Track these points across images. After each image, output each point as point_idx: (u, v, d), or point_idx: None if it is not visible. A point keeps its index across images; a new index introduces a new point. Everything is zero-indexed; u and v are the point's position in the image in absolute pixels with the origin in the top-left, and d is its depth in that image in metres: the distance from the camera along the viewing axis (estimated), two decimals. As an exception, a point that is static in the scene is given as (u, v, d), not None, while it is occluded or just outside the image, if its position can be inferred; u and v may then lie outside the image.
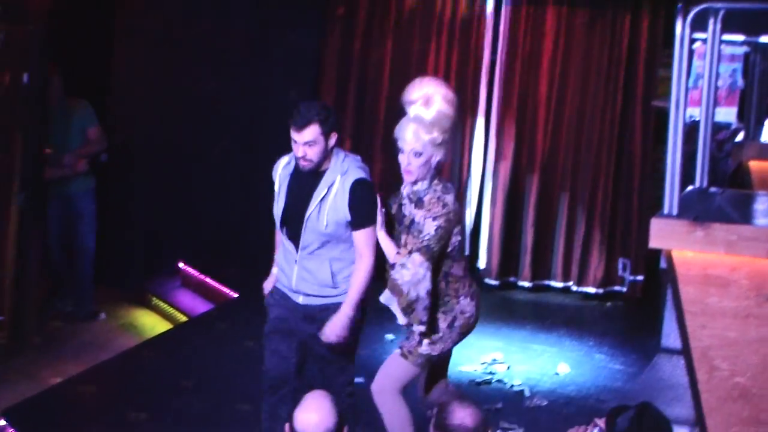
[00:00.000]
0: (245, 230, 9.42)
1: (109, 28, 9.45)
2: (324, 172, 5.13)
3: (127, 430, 6.04)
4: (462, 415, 3.86)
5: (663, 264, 5.78)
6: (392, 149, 5.25)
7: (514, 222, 9.16)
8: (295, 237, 5.20)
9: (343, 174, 5.10)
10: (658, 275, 7.55)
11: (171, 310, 8.77)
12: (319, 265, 5.19)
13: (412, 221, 5.11)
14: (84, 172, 8.35)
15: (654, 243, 5.30)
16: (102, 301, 8.62)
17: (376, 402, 5.29)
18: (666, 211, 5.31)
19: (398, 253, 5.09)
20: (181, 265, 9.23)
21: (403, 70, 9.00)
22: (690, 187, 5.98)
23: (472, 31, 9.12)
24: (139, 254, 9.44)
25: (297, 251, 5.21)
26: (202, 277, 8.99)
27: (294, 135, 5.09)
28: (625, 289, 8.97)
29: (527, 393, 6.80)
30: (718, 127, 7.40)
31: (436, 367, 5.39)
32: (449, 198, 5.17)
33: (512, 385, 6.93)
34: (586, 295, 9.00)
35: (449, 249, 5.20)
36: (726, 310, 5.18)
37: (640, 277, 8.90)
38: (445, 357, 5.39)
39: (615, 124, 8.94)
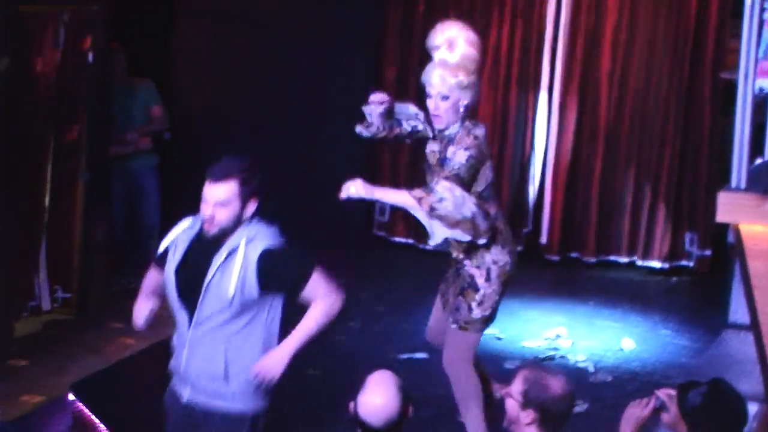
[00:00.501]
0: (305, 205, 9.45)
1: (170, 7, 9.51)
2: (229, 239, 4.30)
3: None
4: (554, 385, 3.85)
5: (731, 238, 5.74)
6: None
7: (577, 196, 9.11)
8: (189, 309, 4.36)
9: (249, 240, 4.28)
10: (726, 249, 7.49)
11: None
12: (212, 349, 4.32)
13: (445, 158, 5.12)
14: (147, 149, 8.43)
15: (721, 217, 5.27)
16: (166, 277, 8.70)
17: (450, 375, 5.33)
18: (734, 184, 5.27)
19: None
20: (243, 240, 9.28)
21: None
22: (759, 160, 5.90)
23: (535, 5, 9.05)
24: (202, 230, 9.51)
25: (189, 327, 4.39)
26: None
27: (205, 189, 4.35)
28: (691, 264, 8.90)
29: (591, 369, 6.80)
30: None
31: None
32: (480, 131, 5.20)
33: (576, 361, 6.93)
34: (652, 270, 8.93)
35: (481, 188, 5.17)
36: (796, 284, 5.13)
37: (707, 252, 8.82)
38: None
39: (681, 96, 8.84)
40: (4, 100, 6.67)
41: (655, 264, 8.95)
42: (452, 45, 5.16)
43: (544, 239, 9.15)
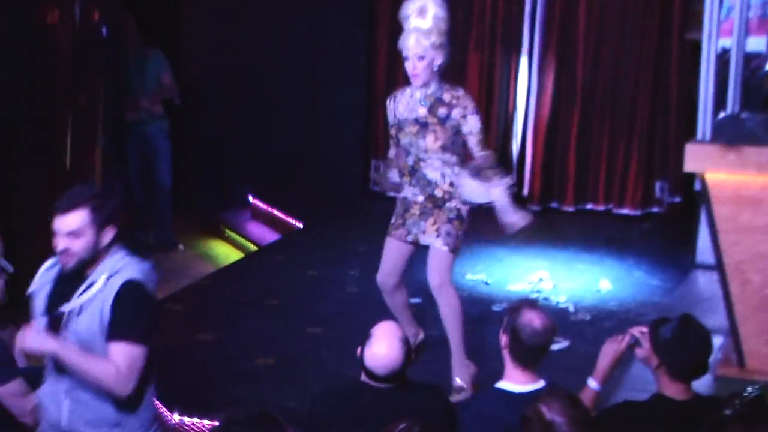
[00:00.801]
0: (307, 165, 9.47)
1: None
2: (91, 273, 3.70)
3: (204, 346, 6.13)
4: (531, 316, 3.86)
5: (698, 186, 5.75)
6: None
7: (556, 151, 9.11)
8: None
9: (112, 273, 3.66)
10: (694, 196, 7.51)
11: (242, 240, 8.86)
12: (93, 396, 3.67)
13: (447, 116, 5.27)
14: (159, 114, 8.44)
15: (689, 166, 5.29)
16: (179, 233, 8.74)
17: (438, 295, 5.41)
18: (700, 136, 5.30)
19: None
20: (250, 198, 9.30)
21: (451, 16, 8.90)
22: (722, 114, 5.91)
23: (515, -27, 9.03)
24: (213, 189, 9.54)
25: (62, 375, 3.71)
26: (269, 209, 9.07)
27: (55, 222, 3.71)
28: (662, 210, 8.92)
29: (572, 309, 6.81)
30: (750, 56, 7.26)
31: None
32: (463, 92, 5.38)
33: (558, 302, 6.93)
34: (626, 217, 8.95)
35: None
36: (757, 227, 5.16)
37: (676, 199, 8.84)
38: None
39: (651, 55, 8.82)
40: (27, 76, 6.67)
41: (629, 211, 8.98)
42: (423, 11, 5.29)
43: (525, 191, 9.17)
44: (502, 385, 3.87)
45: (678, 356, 3.74)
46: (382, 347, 3.83)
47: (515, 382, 3.84)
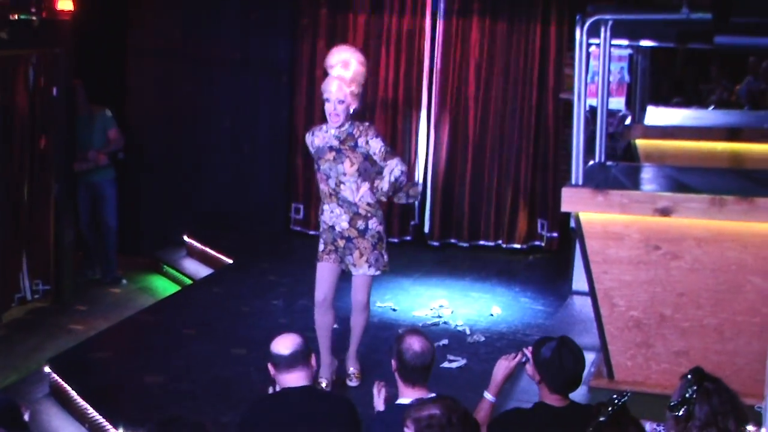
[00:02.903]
0: (236, 209, 9.43)
1: (122, 45, 9.40)
2: None
3: (148, 369, 6.04)
4: (411, 341, 3.89)
5: (572, 223, 5.84)
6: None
7: (453, 195, 9.16)
8: None
9: None
10: (569, 232, 7.61)
11: (179, 274, 8.76)
12: None
13: (356, 144, 5.42)
14: (106, 164, 8.34)
15: (565, 207, 5.36)
16: (124, 269, 8.61)
17: (363, 310, 5.62)
18: (573, 181, 5.37)
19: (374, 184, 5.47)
20: (186, 237, 9.21)
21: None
22: (591, 162, 6.03)
23: (414, 42, 9.10)
24: (152, 230, 9.44)
25: None
26: (203, 246, 8.98)
27: None
28: (543, 244, 9.03)
29: (468, 331, 6.80)
30: (611, 114, 7.44)
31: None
32: (368, 123, 5.63)
33: (456, 326, 6.93)
34: (513, 251, 9.03)
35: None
36: (622, 258, 5.25)
37: (555, 234, 8.95)
38: None
39: (532, 113, 8.95)
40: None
41: (516, 246, 9.06)
42: (347, 64, 5.42)
43: (427, 229, 9.22)
44: (400, 401, 3.89)
45: (555, 373, 3.80)
46: (284, 338, 3.97)
47: (409, 397, 3.85)
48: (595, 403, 3.28)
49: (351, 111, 5.45)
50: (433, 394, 3.83)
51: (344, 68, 5.39)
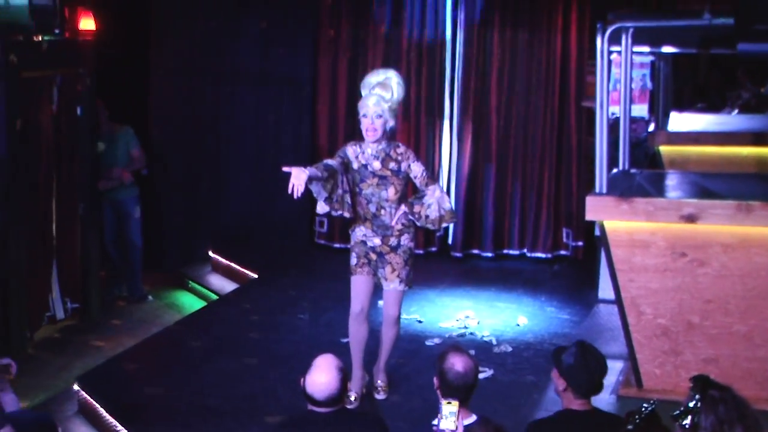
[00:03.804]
0: (260, 223, 9.46)
1: (145, 64, 9.47)
2: None
3: (175, 385, 6.06)
4: (453, 360, 3.86)
5: (597, 232, 5.84)
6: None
7: (476, 204, 9.16)
8: None
9: None
10: (594, 241, 7.59)
11: (204, 290, 8.80)
12: None
13: (398, 170, 5.47)
14: (130, 183, 8.39)
15: (589, 215, 5.37)
16: (149, 286, 8.66)
17: (394, 324, 5.64)
18: (597, 189, 5.38)
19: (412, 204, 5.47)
20: (211, 253, 9.26)
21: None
22: (615, 170, 6.03)
23: (436, 53, 9.12)
24: (177, 246, 9.49)
25: None
26: (227, 262, 9.02)
27: None
28: (569, 253, 9.01)
29: (494, 342, 6.79)
30: (634, 121, 7.43)
31: None
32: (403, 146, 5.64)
33: (482, 336, 6.92)
34: (538, 260, 9.01)
35: None
36: (648, 266, 5.24)
37: (580, 243, 8.93)
38: None
39: (554, 121, 8.95)
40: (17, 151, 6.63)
41: (541, 255, 9.05)
42: (386, 84, 5.52)
43: (451, 240, 9.23)
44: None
45: (582, 376, 3.84)
46: (321, 375, 3.84)
47: None
48: (625, 412, 3.28)
49: (387, 128, 5.51)
50: (475, 416, 3.82)
51: (382, 86, 5.49)
